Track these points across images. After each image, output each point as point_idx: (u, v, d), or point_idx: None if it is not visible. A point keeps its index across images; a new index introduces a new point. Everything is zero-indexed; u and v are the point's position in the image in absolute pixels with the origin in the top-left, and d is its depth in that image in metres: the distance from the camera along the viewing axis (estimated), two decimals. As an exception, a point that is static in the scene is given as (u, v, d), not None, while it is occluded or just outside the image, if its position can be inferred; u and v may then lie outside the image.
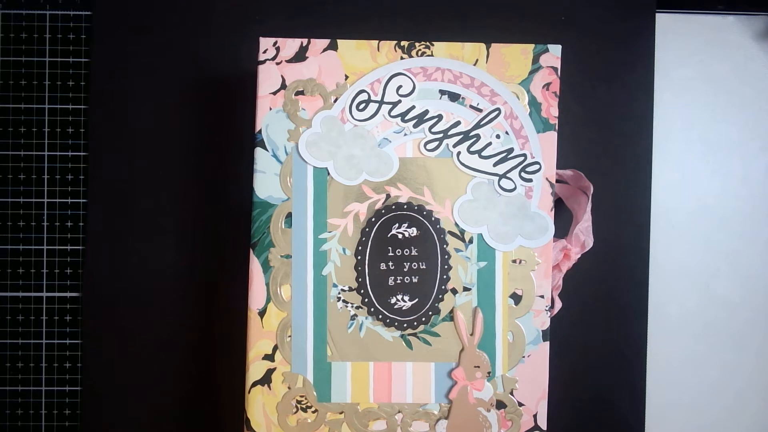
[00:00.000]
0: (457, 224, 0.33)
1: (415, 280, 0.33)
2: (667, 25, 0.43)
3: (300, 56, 0.33)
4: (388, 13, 0.42)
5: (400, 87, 0.33)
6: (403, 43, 0.33)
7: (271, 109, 0.33)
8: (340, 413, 0.33)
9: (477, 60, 0.33)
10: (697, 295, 0.43)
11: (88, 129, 0.41)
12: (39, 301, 0.41)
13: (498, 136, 0.33)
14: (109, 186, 0.41)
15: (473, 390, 0.33)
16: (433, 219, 0.33)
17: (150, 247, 0.41)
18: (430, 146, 0.33)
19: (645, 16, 0.42)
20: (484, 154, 0.33)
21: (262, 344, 0.32)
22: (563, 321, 0.41)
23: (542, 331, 0.33)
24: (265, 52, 0.33)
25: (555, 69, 0.33)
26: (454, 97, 0.33)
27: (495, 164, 0.33)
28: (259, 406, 0.32)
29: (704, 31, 0.43)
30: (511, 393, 0.33)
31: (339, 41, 0.33)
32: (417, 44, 0.33)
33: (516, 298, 0.33)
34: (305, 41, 0.33)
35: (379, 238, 0.33)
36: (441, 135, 0.33)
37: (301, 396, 0.32)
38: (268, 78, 0.33)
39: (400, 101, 0.33)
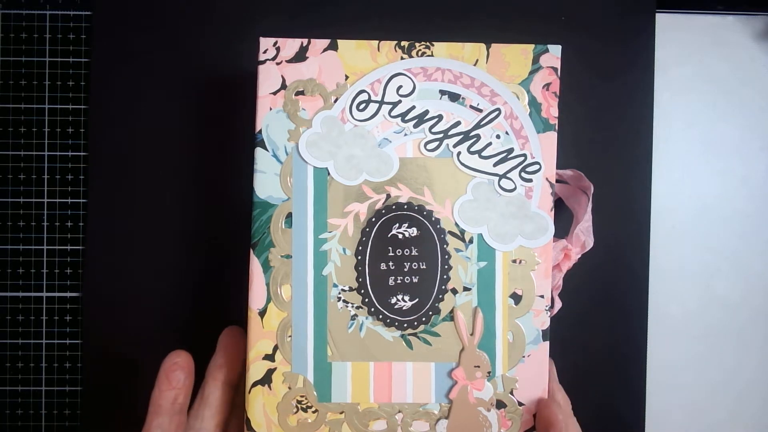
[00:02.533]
0: (457, 224, 0.33)
1: (415, 280, 0.33)
2: (666, 24, 0.43)
3: (300, 56, 0.33)
4: (388, 13, 0.42)
5: (400, 87, 0.33)
6: (403, 43, 0.33)
7: (271, 109, 0.33)
8: (341, 413, 0.33)
9: (477, 60, 0.33)
10: (698, 296, 0.43)
11: (88, 129, 0.41)
12: (39, 301, 0.41)
13: (498, 137, 0.33)
14: (109, 186, 0.41)
15: (473, 390, 0.33)
16: (433, 219, 0.33)
17: (150, 247, 0.41)
18: (431, 146, 0.33)
19: (645, 15, 0.42)
20: (484, 154, 0.33)
21: (262, 344, 0.32)
22: (563, 321, 0.41)
23: (542, 331, 0.33)
24: (265, 52, 0.33)
25: (555, 69, 0.33)
26: (454, 97, 0.33)
27: (495, 164, 0.33)
28: (260, 406, 0.32)
29: (704, 31, 0.43)
30: (511, 393, 0.33)
31: (339, 41, 0.33)
32: (417, 44, 0.33)
33: (516, 298, 0.33)
34: (305, 41, 0.33)
35: (380, 238, 0.33)
36: (441, 135, 0.33)
37: (302, 396, 0.32)
38: (268, 78, 0.33)
39: (400, 101, 0.33)
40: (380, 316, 0.33)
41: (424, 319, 0.33)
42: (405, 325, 0.33)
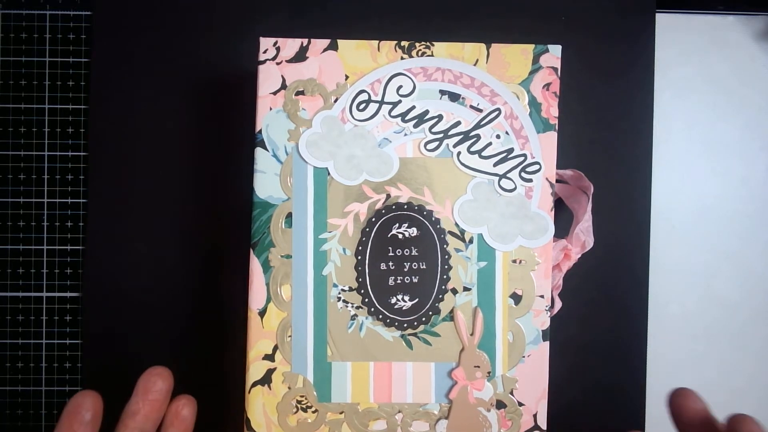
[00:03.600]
0: (457, 224, 0.33)
1: (415, 280, 0.33)
2: (667, 24, 0.43)
3: (300, 56, 0.33)
4: (388, 13, 0.42)
5: (400, 87, 0.33)
6: (403, 43, 0.33)
7: (271, 109, 0.33)
8: (341, 413, 0.33)
9: (477, 60, 0.33)
10: (698, 295, 0.43)
11: (88, 129, 0.41)
12: (39, 301, 0.41)
13: (498, 137, 0.33)
14: (109, 186, 0.41)
15: (473, 390, 0.33)
16: (433, 219, 0.33)
17: (150, 247, 0.41)
18: (431, 146, 0.33)
19: (645, 15, 0.42)
20: (484, 154, 0.33)
21: (262, 344, 0.32)
22: (563, 321, 0.41)
23: (542, 331, 0.33)
24: (265, 52, 0.33)
25: (555, 69, 0.33)
26: (454, 97, 0.33)
27: (495, 164, 0.33)
28: (259, 406, 0.32)
29: (704, 31, 0.43)
30: (511, 393, 0.33)
31: (339, 41, 0.33)
32: (417, 44, 0.33)
33: (516, 298, 0.33)
34: (305, 41, 0.33)
35: (380, 238, 0.33)
36: (441, 135, 0.33)
37: (302, 396, 0.32)
38: (268, 78, 0.33)
39: (400, 101, 0.33)
40: (380, 316, 0.33)
41: (424, 319, 0.33)
42: (405, 325, 0.33)
